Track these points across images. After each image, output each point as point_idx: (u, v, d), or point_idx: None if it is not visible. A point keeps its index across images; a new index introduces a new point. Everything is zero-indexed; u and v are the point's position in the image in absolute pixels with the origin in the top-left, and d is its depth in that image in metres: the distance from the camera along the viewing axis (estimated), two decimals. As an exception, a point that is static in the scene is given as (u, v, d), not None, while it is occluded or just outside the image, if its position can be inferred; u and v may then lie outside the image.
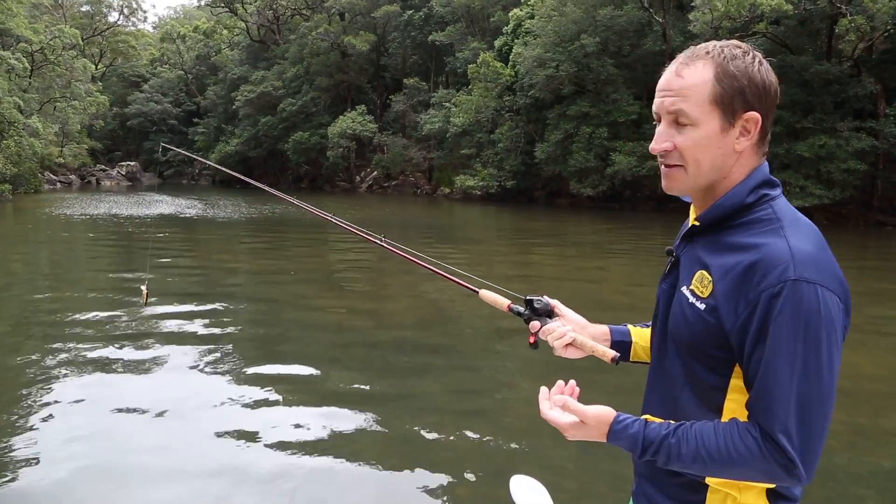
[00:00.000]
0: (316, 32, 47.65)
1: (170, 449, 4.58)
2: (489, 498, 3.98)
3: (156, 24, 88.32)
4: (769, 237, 1.27)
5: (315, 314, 9.22)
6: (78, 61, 41.49)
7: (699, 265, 1.37)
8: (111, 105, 56.06)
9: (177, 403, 5.40)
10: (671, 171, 1.38)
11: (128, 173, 57.41)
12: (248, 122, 51.23)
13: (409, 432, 5.00)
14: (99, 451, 4.51)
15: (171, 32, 66.37)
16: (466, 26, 44.25)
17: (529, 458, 4.59)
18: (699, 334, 1.33)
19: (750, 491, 1.34)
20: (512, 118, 36.29)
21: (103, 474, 4.18)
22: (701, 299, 1.33)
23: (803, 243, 1.25)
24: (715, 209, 1.36)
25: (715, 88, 1.30)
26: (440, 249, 16.81)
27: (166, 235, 18.72)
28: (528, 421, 5.15)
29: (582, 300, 10.23)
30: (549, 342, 1.67)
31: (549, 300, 1.74)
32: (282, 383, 6.04)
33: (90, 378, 5.98)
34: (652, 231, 22.82)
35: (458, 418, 5.35)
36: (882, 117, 24.70)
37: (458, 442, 4.85)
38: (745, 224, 1.32)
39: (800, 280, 1.20)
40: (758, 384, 1.24)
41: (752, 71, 1.30)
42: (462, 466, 4.38)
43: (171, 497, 3.91)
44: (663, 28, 30.84)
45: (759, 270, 1.23)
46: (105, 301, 9.50)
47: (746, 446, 1.24)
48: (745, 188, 1.33)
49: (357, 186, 47.64)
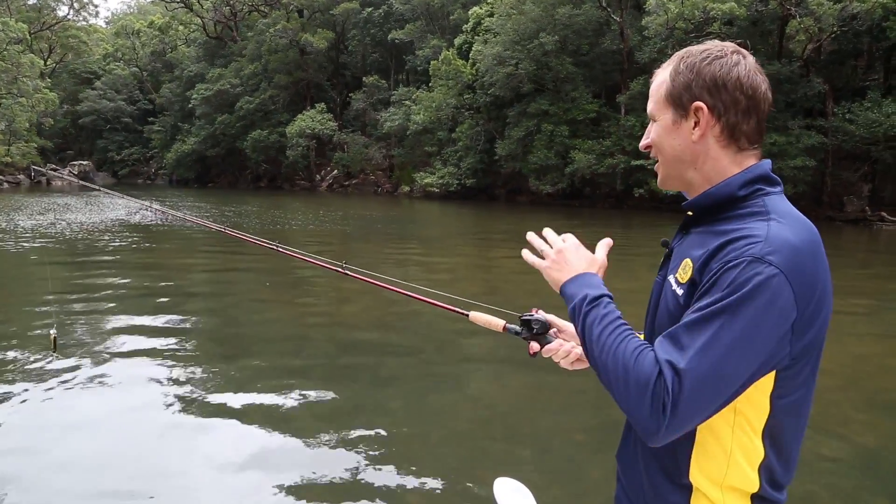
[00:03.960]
0: (274, 29, 47.05)
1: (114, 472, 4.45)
2: (473, 501, 3.95)
3: (108, 19, 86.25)
4: (752, 223, 1.27)
5: (272, 321, 9.09)
6: (25, 56, 40.26)
7: (687, 254, 1.38)
8: (62, 102, 54.55)
9: (124, 418, 5.26)
10: (657, 165, 1.49)
11: (80, 173, 55.85)
12: (205, 120, 50.30)
13: (380, 435, 4.96)
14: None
15: (125, 28, 64.77)
16: (426, 24, 44.22)
17: (513, 460, 4.58)
18: (676, 319, 1.31)
19: (733, 493, 1.32)
20: (472, 116, 36.39)
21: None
22: (680, 285, 1.35)
23: (786, 233, 1.23)
24: (704, 197, 1.38)
25: (668, 86, 1.40)
26: (404, 247, 16.78)
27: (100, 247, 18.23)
28: (511, 420, 5.16)
29: (548, 291, 10.29)
30: (555, 360, 1.67)
31: (545, 315, 1.71)
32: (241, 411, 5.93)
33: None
34: (611, 227, 23.11)
35: (433, 420, 5.33)
36: (830, 116, 25.49)
37: (438, 444, 4.83)
38: (738, 216, 1.32)
39: (764, 261, 1.19)
40: (678, 328, 1.24)
41: (702, 66, 1.35)
42: (444, 469, 4.36)
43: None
44: (621, 27, 31.27)
45: (730, 246, 1.24)
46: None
47: (647, 362, 1.22)
48: (739, 180, 1.34)
49: (317, 185, 47.23)
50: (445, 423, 5.24)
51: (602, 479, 4.07)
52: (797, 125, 25.14)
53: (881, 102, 23.84)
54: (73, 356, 6.49)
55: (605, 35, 32.18)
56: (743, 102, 1.34)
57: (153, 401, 5.44)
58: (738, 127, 1.35)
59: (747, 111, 1.35)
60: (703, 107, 1.35)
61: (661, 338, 1.27)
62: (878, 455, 4.80)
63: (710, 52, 1.37)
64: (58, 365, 6.19)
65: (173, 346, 7.05)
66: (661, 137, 1.43)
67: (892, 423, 5.51)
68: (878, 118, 23.33)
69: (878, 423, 5.45)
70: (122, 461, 4.35)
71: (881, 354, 7.52)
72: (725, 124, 1.35)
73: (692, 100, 1.36)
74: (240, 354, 7.03)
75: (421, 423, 5.23)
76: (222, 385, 5.90)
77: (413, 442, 4.83)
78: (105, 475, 4.17)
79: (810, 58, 26.32)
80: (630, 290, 10.83)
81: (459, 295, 1.97)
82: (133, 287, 10.82)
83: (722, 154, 1.37)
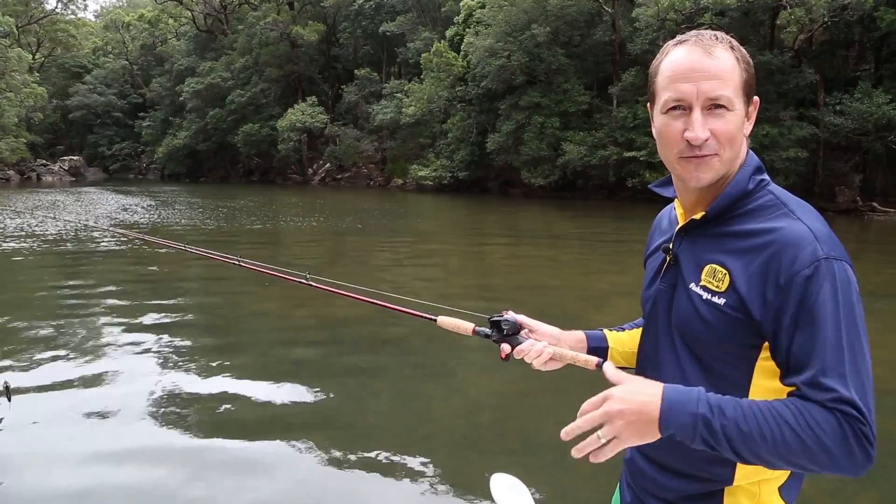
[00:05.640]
0: (264, 22, 46.80)
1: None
2: (469, 496, 3.94)
3: (97, 12, 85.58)
4: (783, 220, 1.25)
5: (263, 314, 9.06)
6: (12, 51, 39.93)
7: (706, 260, 1.32)
8: (51, 97, 54.13)
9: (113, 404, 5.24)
10: (706, 160, 1.30)
11: (71, 168, 55.50)
12: (196, 114, 50.06)
13: (373, 429, 4.95)
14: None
15: (114, 21, 64.23)
16: (417, 16, 44.06)
17: (508, 455, 4.57)
18: (720, 331, 1.27)
19: (767, 485, 1.32)
20: (464, 108, 36.33)
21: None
22: (718, 294, 1.28)
23: (818, 224, 1.25)
24: (724, 198, 1.32)
25: (742, 74, 1.29)
26: (396, 240, 16.76)
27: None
28: (500, 413, 5.15)
29: (537, 283, 10.34)
30: (527, 361, 1.58)
31: (515, 316, 1.63)
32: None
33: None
34: (604, 219, 23.14)
35: (426, 415, 5.33)
36: (822, 106, 25.55)
37: (432, 440, 4.82)
38: (751, 211, 1.30)
39: (830, 258, 1.20)
40: (805, 353, 1.18)
41: (750, 60, 1.33)
42: (439, 464, 4.36)
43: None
44: (612, 18, 31.23)
45: (787, 254, 1.21)
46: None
47: (822, 417, 1.14)
48: (746, 175, 1.32)
49: (310, 179, 47.10)
50: (434, 417, 5.23)
51: (592, 472, 4.06)
52: (789, 116, 25.19)
53: (871, 93, 23.89)
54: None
55: (597, 26, 32.14)
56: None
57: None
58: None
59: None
60: (758, 102, 1.35)
61: (801, 381, 1.18)
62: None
63: (738, 44, 1.35)
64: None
65: (167, 342, 7.03)
66: (736, 130, 1.30)
67: (879, 415, 5.52)
68: (868, 109, 23.39)
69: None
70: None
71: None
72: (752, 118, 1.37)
73: (752, 94, 1.33)
74: (228, 348, 7.00)
75: (409, 417, 5.21)
76: (203, 382, 5.87)
77: (400, 436, 4.81)
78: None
79: (802, 48, 26.36)
80: (622, 283, 10.90)
81: (450, 289, 1.95)
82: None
83: (745, 147, 1.36)
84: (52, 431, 4.71)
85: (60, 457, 4.32)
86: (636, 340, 1.63)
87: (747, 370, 1.28)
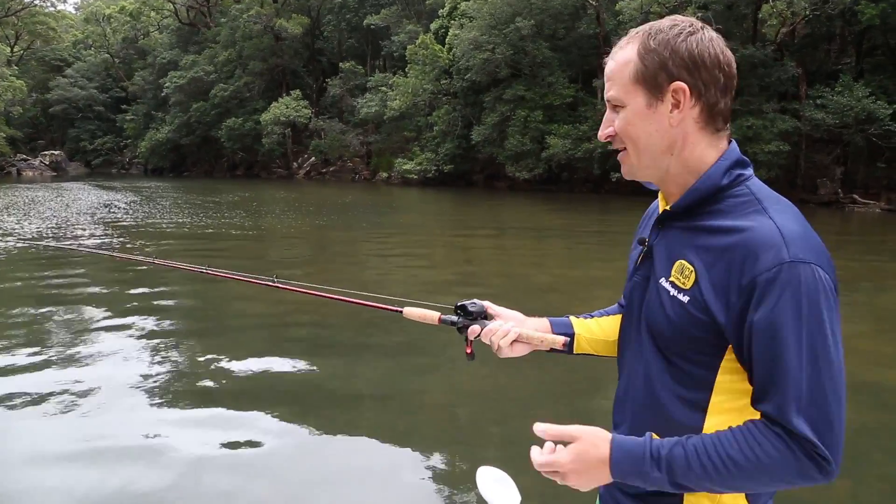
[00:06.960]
0: (248, 15, 46.39)
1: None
2: (455, 489, 3.96)
3: (78, 5, 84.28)
4: (753, 219, 1.20)
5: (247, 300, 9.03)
6: (-9, 44, 39.28)
7: (677, 254, 1.29)
8: (31, 91, 53.41)
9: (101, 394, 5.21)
10: (621, 155, 1.36)
11: (52, 163, 54.83)
12: (179, 108, 49.54)
13: (359, 420, 4.96)
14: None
15: (95, 14, 63.34)
16: (402, 9, 43.89)
17: (492, 448, 4.59)
18: (683, 328, 1.25)
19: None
20: (449, 101, 36.28)
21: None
22: (683, 291, 1.25)
23: (790, 222, 1.19)
24: (691, 193, 1.29)
25: (637, 66, 1.28)
26: (382, 233, 16.73)
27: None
28: (481, 405, 5.17)
29: (521, 272, 10.37)
30: (494, 343, 1.55)
31: (481, 301, 1.63)
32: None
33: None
34: (589, 212, 23.22)
35: (412, 407, 5.34)
36: (804, 99, 25.77)
37: (418, 432, 4.83)
38: (725, 207, 1.26)
39: (795, 261, 1.14)
40: (765, 378, 1.16)
41: (677, 42, 1.26)
42: (427, 458, 4.36)
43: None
44: (597, 11, 31.28)
45: (751, 254, 1.16)
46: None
47: (774, 446, 1.14)
48: (720, 170, 1.27)
49: (294, 173, 46.85)
50: (415, 411, 5.25)
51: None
52: (771, 108, 25.38)
53: (853, 86, 24.11)
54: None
55: (581, 19, 32.18)
56: (721, 80, 1.27)
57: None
58: (716, 106, 1.28)
59: (725, 89, 1.28)
60: (683, 87, 1.25)
61: (761, 409, 1.18)
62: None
63: (681, 27, 1.27)
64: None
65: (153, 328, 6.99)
66: (633, 124, 1.30)
67: (854, 405, 5.59)
68: (849, 102, 23.61)
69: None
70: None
71: (847, 336, 7.64)
72: (705, 104, 1.27)
73: (670, 80, 1.25)
74: (216, 331, 6.97)
75: (392, 409, 5.23)
76: (190, 373, 5.85)
77: (382, 427, 4.82)
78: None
79: (784, 42, 26.55)
80: (606, 276, 10.97)
81: (433, 279, 1.95)
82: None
83: (700, 137, 1.29)
84: (26, 424, 4.68)
85: (40, 453, 4.31)
86: (605, 328, 1.63)
87: (713, 368, 1.26)
